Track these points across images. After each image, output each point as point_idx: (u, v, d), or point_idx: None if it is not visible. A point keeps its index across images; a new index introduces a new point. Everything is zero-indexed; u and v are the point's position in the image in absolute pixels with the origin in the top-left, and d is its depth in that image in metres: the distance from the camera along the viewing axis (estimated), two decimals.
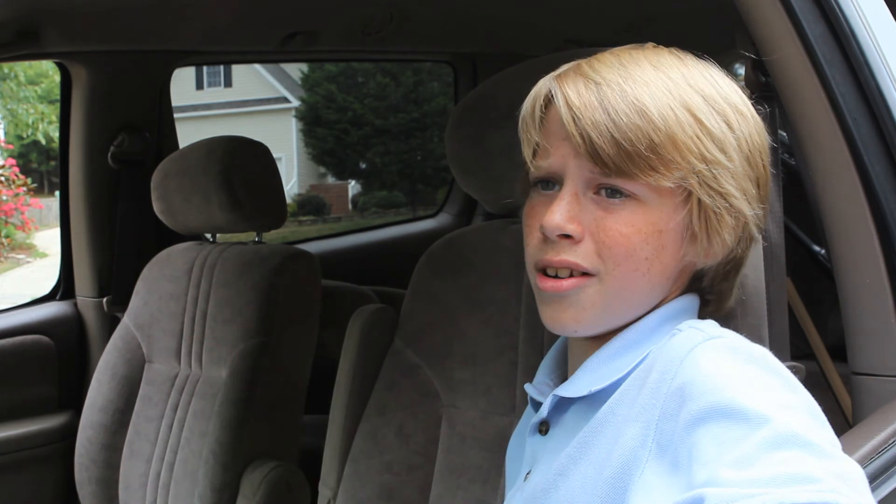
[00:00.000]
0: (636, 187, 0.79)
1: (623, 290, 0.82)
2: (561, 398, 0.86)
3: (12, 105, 10.10)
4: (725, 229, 0.82)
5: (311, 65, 10.94)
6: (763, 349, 0.75)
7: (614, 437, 0.76)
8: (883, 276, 1.01)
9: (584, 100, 0.79)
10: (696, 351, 0.74)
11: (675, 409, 0.71)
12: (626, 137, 0.77)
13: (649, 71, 0.80)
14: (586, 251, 0.80)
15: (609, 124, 0.77)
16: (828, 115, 1.01)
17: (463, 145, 1.31)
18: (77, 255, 2.29)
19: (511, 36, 2.59)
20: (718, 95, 0.81)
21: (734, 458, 0.63)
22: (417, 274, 1.38)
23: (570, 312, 0.82)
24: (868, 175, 1.01)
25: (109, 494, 1.92)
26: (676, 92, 0.79)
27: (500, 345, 1.28)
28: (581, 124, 0.78)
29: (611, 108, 0.77)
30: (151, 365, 1.94)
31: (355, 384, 1.38)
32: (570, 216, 0.80)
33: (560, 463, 0.81)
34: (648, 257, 0.81)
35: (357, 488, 1.33)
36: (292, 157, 12.60)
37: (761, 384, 0.70)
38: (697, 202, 0.80)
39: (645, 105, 0.78)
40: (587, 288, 0.81)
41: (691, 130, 0.78)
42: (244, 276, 1.82)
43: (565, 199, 0.81)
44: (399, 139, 11.19)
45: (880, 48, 1.02)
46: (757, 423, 0.65)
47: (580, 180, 0.81)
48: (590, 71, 0.81)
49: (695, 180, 0.79)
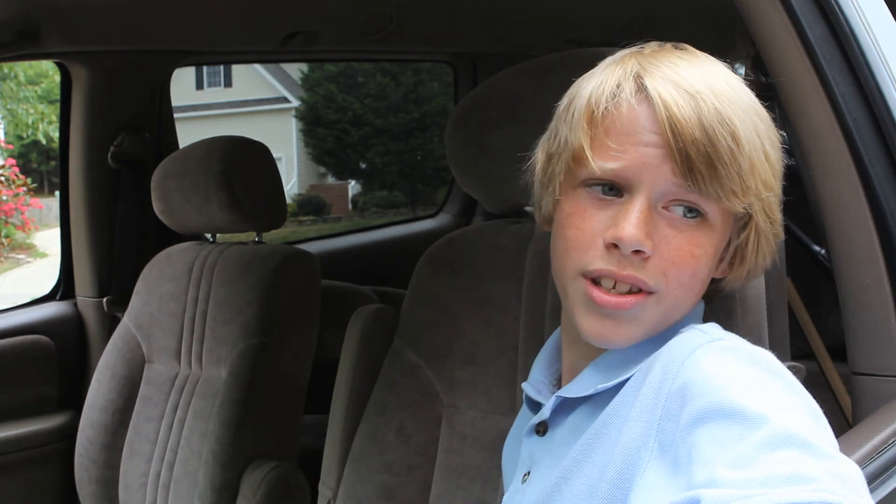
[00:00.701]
0: (711, 208, 0.77)
1: (676, 308, 0.81)
2: (564, 399, 0.85)
3: (12, 105, 10.10)
4: (769, 253, 0.83)
5: (311, 65, 10.95)
6: (765, 351, 0.74)
7: (616, 437, 0.76)
8: (883, 276, 1.01)
9: (684, 112, 0.75)
10: (699, 352, 0.74)
11: (676, 410, 0.71)
12: (720, 159, 0.75)
13: (727, 87, 0.78)
14: (653, 269, 0.77)
15: (708, 145, 0.74)
16: (828, 115, 1.01)
17: (463, 145, 1.31)
18: (77, 255, 2.29)
19: (511, 36, 2.59)
20: (768, 119, 0.81)
21: (732, 458, 0.63)
22: (417, 274, 1.38)
23: (624, 329, 0.79)
24: (868, 175, 1.01)
25: (109, 494, 1.92)
26: (750, 115, 0.78)
27: (500, 345, 1.28)
28: (681, 139, 0.74)
29: (710, 129, 0.75)
30: (151, 365, 1.94)
31: (355, 384, 1.38)
32: (646, 231, 0.76)
33: (564, 466, 0.81)
34: (704, 278, 0.81)
35: (357, 488, 1.33)
36: (292, 157, 12.61)
37: (762, 385, 0.70)
38: (755, 227, 0.80)
39: (736, 128, 0.75)
40: (646, 306, 0.78)
41: (762, 157, 0.78)
42: (244, 276, 1.82)
43: (640, 211, 0.76)
44: (399, 139, 11.19)
45: (880, 48, 1.02)
46: (755, 423, 0.65)
47: (657, 191, 0.77)
48: (676, 77, 0.77)
49: (759, 206, 0.79)
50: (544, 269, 1.25)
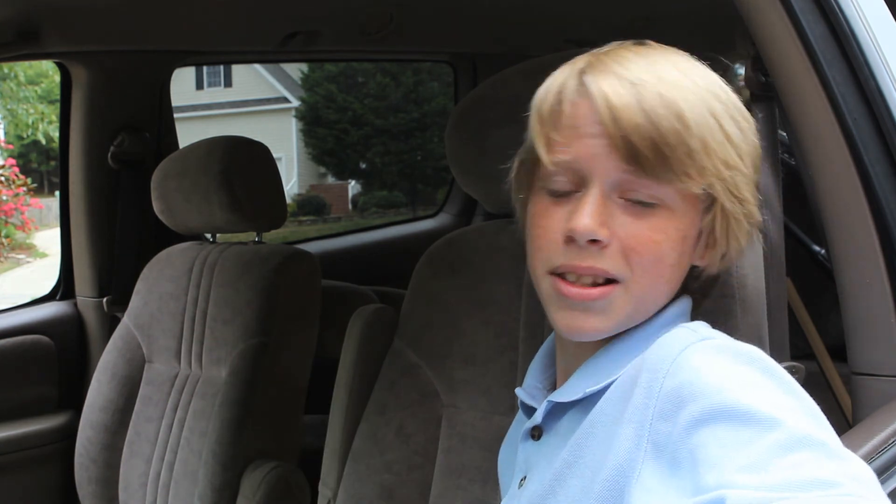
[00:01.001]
0: (667, 192, 0.78)
1: (646, 297, 0.81)
2: (556, 403, 0.85)
3: (12, 105, 10.11)
4: (743, 235, 0.82)
5: (311, 65, 10.95)
6: (757, 349, 0.74)
7: (607, 438, 0.76)
8: (883, 276, 1.01)
9: (623, 100, 0.76)
10: (689, 351, 0.73)
11: (671, 410, 0.71)
12: (665, 142, 0.75)
13: (676, 73, 0.79)
14: (614, 257, 0.78)
15: (650, 129, 0.75)
16: (828, 115, 1.01)
17: (463, 145, 1.31)
18: (77, 255, 2.29)
19: (511, 36, 2.59)
20: (730, 100, 0.81)
21: (747, 463, 0.63)
22: (417, 274, 1.38)
23: (594, 321, 0.80)
24: (868, 175, 1.01)
25: (109, 494, 1.92)
26: (703, 96, 0.78)
27: (500, 345, 1.28)
28: (621, 125, 0.76)
29: (651, 112, 0.76)
30: (151, 365, 1.94)
31: (355, 384, 1.38)
32: (601, 220, 0.77)
33: (556, 469, 0.81)
34: (672, 263, 0.80)
35: (357, 488, 1.33)
36: (292, 157, 12.61)
37: (760, 386, 0.69)
38: (721, 209, 0.80)
39: (681, 109, 0.76)
40: (614, 296, 0.79)
41: (719, 136, 0.78)
42: (244, 276, 1.82)
43: (593, 202, 0.78)
44: (399, 139, 11.19)
45: (880, 48, 1.02)
46: (765, 426, 0.65)
47: (609, 181, 0.78)
48: (620, 69, 0.78)
49: (720, 187, 0.78)
50: None
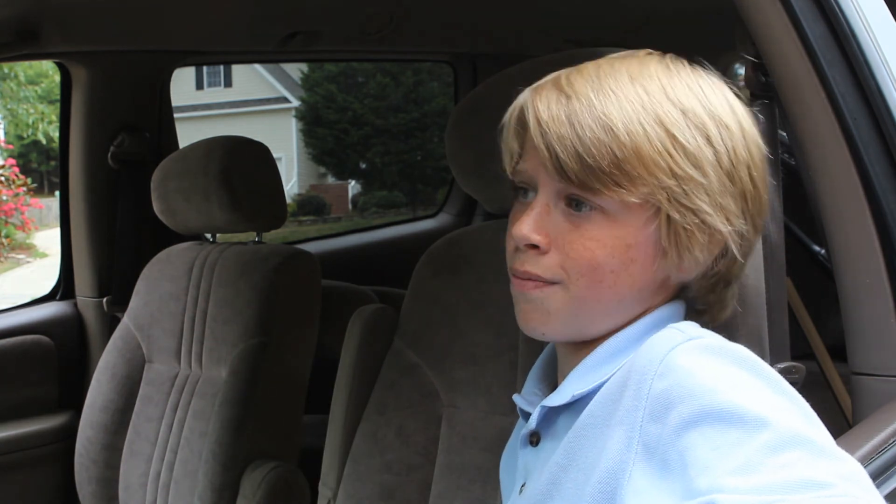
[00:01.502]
0: (602, 201, 0.78)
1: (588, 301, 0.81)
2: (549, 409, 0.86)
3: (12, 105, 10.11)
4: (697, 246, 0.80)
5: (311, 65, 10.94)
6: (744, 349, 0.74)
7: (598, 440, 0.76)
8: (883, 276, 1.01)
9: (552, 113, 0.79)
10: (677, 351, 0.73)
11: (660, 412, 0.70)
12: (588, 152, 0.76)
13: (625, 83, 0.79)
14: (549, 263, 0.81)
15: (574, 139, 0.77)
16: (828, 115, 1.01)
17: (463, 145, 1.31)
18: (77, 255, 2.29)
19: (511, 36, 2.59)
20: (701, 107, 0.79)
21: (737, 465, 0.63)
22: (417, 274, 1.38)
23: (536, 315, 0.83)
24: (868, 175, 1.01)
25: (109, 494, 1.92)
26: (650, 106, 0.78)
27: (500, 345, 1.28)
28: (548, 139, 0.78)
29: (577, 123, 0.77)
30: (151, 365, 1.94)
31: (355, 384, 1.38)
32: (537, 227, 0.81)
33: (550, 472, 0.81)
34: (615, 270, 0.80)
35: (357, 488, 1.33)
36: (292, 157, 12.61)
37: (749, 386, 0.69)
38: (666, 218, 0.79)
39: (611, 119, 0.77)
40: (551, 295, 0.82)
41: (661, 146, 0.77)
42: (244, 276, 1.82)
43: (535, 210, 0.82)
44: (399, 139, 11.19)
45: (880, 48, 1.02)
46: (754, 426, 0.64)
47: (550, 191, 0.82)
48: (564, 84, 0.81)
49: (663, 196, 0.78)
50: None
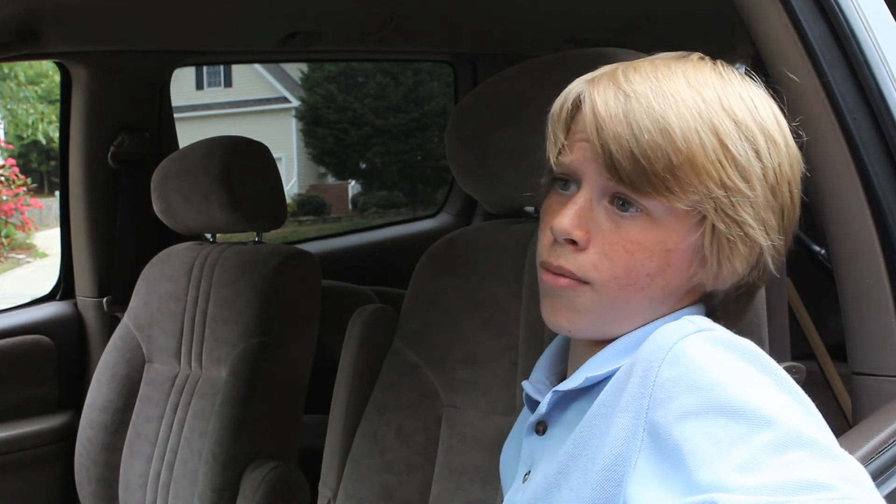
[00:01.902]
0: (650, 203, 0.78)
1: (618, 302, 0.81)
2: (561, 395, 0.86)
3: (12, 105, 10.11)
4: (737, 257, 0.80)
5: (311, 65, 10.95)
6: (753, 344, 0.74)
7: (606, 428, 0.76)
8: (883, 276, 1.01)
9: (610, 110, 0.78)
10: (687, 341, 0.73)
11: (665, 400, 0.70)
12: (644, 154, 0.76)
13: (683, 87, 0.79)
14: (584, 262, 0.80)
15: (630, 139, 0.76)
16: (828, 115, 1.01)
17: (463, 145, 1.31)
18: (77, 255, 2.29)
19: (511, 36, 2.59)
20: (752, 121, 0.79)
21: (740, 462, 0.63)
22: (417, 274, 1.38)
23: (564, 313, 0.83)
24: (868, 175, 1.01)
25: (109, 494, 1.92)
26: (707, 114, 0.78)
27: (500, 345, 1.28)
28: (603, 135, 0.77)
29: (634, 123, 0.77)
30: (151, 365, 1.94)
31: (355, 384, 1.38)
32: (579, 222, 0.80)
33: (559, 462, 0.81)
34: (650, 273, 0.80)
35: (357, 488, 1.33)
36: (292, 157, 12.61)
37: (757, 382, 0.69)
38: (711, 227, 0.79)
39: (669, 124, 0.76)
40: (582, 294, 0.81)
41: (714, 155, 0.77)
42: (244, 276, 1.82)
43: (578, 204, 0.81)
44: (399, 139, 11.19)
45: (880, 48, 1.02)
46: (758, 424, 0.64)
47: (596, 187, 0.80)
48: (623, 80, 0.80)
49: (711, 206, 0.78)
50: None
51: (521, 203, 1.31)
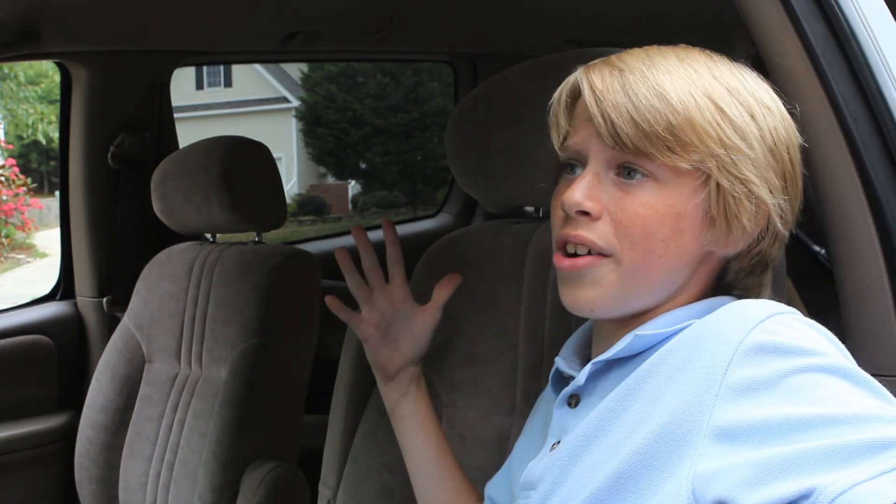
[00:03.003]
0: (654, 167, 0.81)
1: (639, 272, 0.82)
2: (598, 366, 0.86)
3: (12, 105, 10.11)
4: (745, 215, 0.82)
5: (311, 65, 10.95)
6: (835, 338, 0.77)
7: (663, 385, 0.76)
8: (883, 276, 1.01)
9: (606, 84, 0.81)
10: (780, 317, 0.75)
11: (760, 359, 0.71)
12: (643, 118, 0.79)
13: (674, 62, 0.83)
14: (603, 229, 0.82)
15: (629, 106, 0.80)
16: (828, 115, 1.01)
17: (463, 145, 1.31)
18: (77, 255, 2.29)
19: (511, 36, 2.59)
20: (744, 89, 0.83)
21: (866, 406, 0.66)
22: (417, 274, 1.38)
23: (586, 291, 0.84)
24: (868, 175, 1.00)
25: (109, 494, 1.92)
26: (699, 81, 0.81)
27: (500, 345, 1.28)
28: (602, 106, 0.81)
29: (631, 92, 0.80)
30: (151, 365, 1.94)
31: (355, 384, 1.38)
32: (589, 193, 0.83)
33: (595, 417, 0.81)
34: (665, 239, 0.81)
35: (357, 488, 1.33)
36: (292, 157, 12.62)
37: (860, 373, 0.72)
38: (716, 186, 0.81)
39: (665, 89, 0.80)
40: (603, 267, 0.83)
41: (710, 116, 0.80)
42: (244, 276, 1.82)
43: (586, 178, 0.83)
44: (399, 139, 11.20)
45: (880, 48, 1.01)
46: (876, 392, 0.68)
47: (601, 160, 0.83)
48: (616, 60, 0.84)
49: (713, 164, 0.80)
50: (544, 269, 1.25)
51: (521, 203, 1.31)
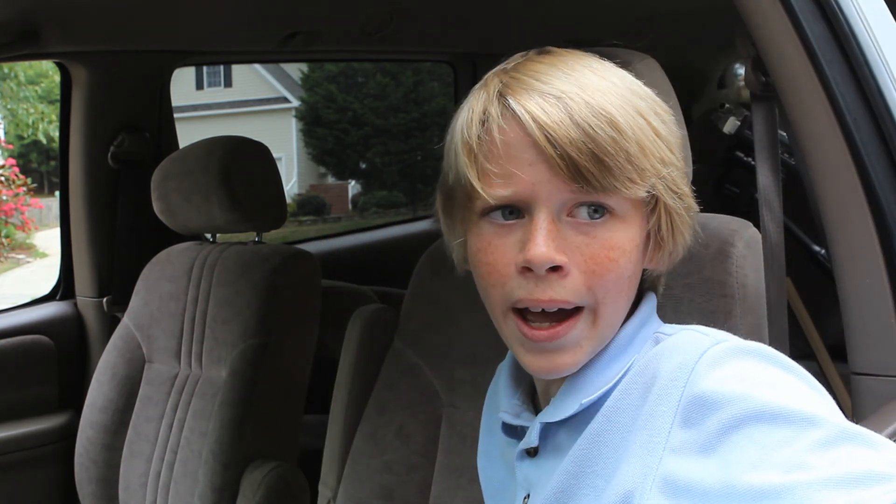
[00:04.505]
0: (615, 202, 0.75)
1: (612, 317, 0.78)
2: (548, 423, 0.83)
3: (12, 105, 10.10)
4: (686, 229, 0.81)
5: (311, 65, 10.94)
6: (767, 346, 0.74)
7: (619, 447, 0.75)
8: (883, 276, 1.01)
9: (553, 117, 0.73)
10: (708, 357, 0.72)
11: (697, 418, 0.69)
12: (604, 151, 0.72)
13: (595, 78, 0.76)
14: (574, 284, 0.75)
15: (587, 141, 0.72)
16: (828, 115, 1.01)
17: None
18: (77, 255, 2.29)
19: (511, 36, 2.59)
20: (649, 95, 0.79)
21: (790, 463, 0.63)
22: (417, 274, 1.38)
23: (566, 357, 0.77)
24: (868, 175, 1.00)
25: (109, 494, 1.92)
26: (627, 97, 0.76)
27: (499, 345, 1.26)
28: (559, 145, 0.72)
29: (583, 124, 0.72)
30: (151, 365, 1.94)
31: (355, 384, 1.38)
32: (555, 245, 0.74)
33: (559, 481, 0.79)
34: (630, 276, 0.78)
35: (357, 488, 1.33)
36: (292, 157, 12.60)
37: (786, 383, 0.69)
38: (664, 207, 0.78)
39: (612, 115, 0.73)
40: (580, 324, 0.76)
41: (651, 135, 0.76)
42: (244, 276, 1.82)
43: (545, 228, 0.74)
44: (399, 139, 11.19)
45: (880, 48, 1.01)
46: (801, 424, 0.64)
47: (555, 203, 0.75)
48: (539, 84, 0.75)
49: (661, 185, 0.77)
50: None
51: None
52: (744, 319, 1.00)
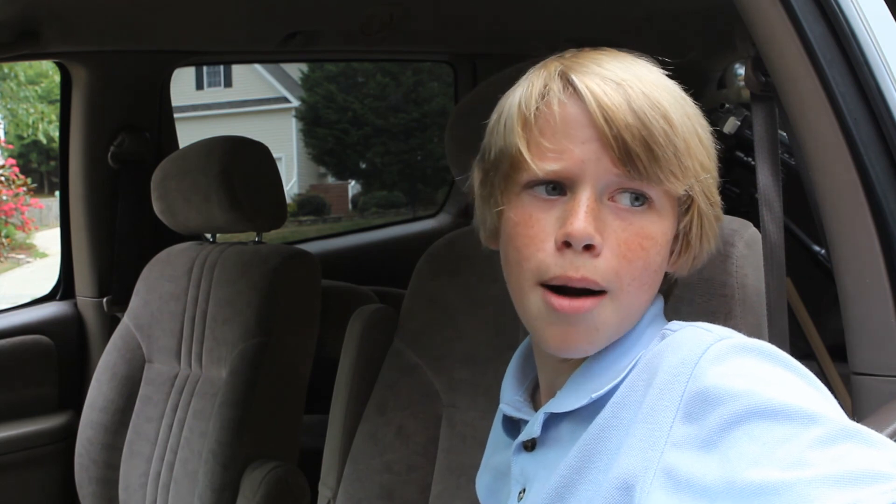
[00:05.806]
0: (656, 193, 0.77)
1: (633, 306, 0.79)
2: (551, 414, 0.83)
3: (12, 105, 10.11)
4: (713, 237, 0.83)
5: (311, 65, 10.95)
6: (770, 344, 0.74)
7: (620, 440, 0.75)
8: (883, 276, 1.01)
9: (613, 100, 0.75)
10: (711, 353, 0.73)
11: (698, 414, 0.70)
12: (656, 141, 0.75)
13: (651, 75, 0.79)
14: (605, 267, 0.76)
15: (641, 128, 0.74)
16: (828, 115, 1.01)
17: (463, 145, 1.31)
18: (77, 255, 2.29)
19: (511, 36, 2.59)
20: (695, 106, 0.81)
21: (790, 460, 0.63)
22: (417, 274, 1.38)
23: (584, 334, 0.78)
24: (868, 175, 1.00)
25: (109, 494, 1.92)
26: (678, 99, 0.79)
27: (499, 345, 1.28)
28: (615, 126, 0.74)
29: (639, 111, 0.75)
30: (151, 365, 1.94)
31: (355, 384, 1.38)
32: (595, 225, 0.75)
33: (561, 475, 0.79)
34: (657, 269, 0.79)
35: (357, 488, 1.33)
36: (292, 157, 12.61)
37: (789, 381, 0.70)
38: (697, 210, 0.80)
39: (666, 109, 0.76)
40: (603, 308, 0.77)
41: (696, 139, 0.78)
42: (244, 276, 1.82)
43: (586, 205, 0.75)
44: (399, 139, 11.19)
45: (880, 48, 1.01)
46: (803, 422, 0.65)
47: (601, 184, 0.76)
48: (600, 69, 0.77)
49: (698, 188, 0.79)
50: None
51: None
52: (744, 319, 1.01)
